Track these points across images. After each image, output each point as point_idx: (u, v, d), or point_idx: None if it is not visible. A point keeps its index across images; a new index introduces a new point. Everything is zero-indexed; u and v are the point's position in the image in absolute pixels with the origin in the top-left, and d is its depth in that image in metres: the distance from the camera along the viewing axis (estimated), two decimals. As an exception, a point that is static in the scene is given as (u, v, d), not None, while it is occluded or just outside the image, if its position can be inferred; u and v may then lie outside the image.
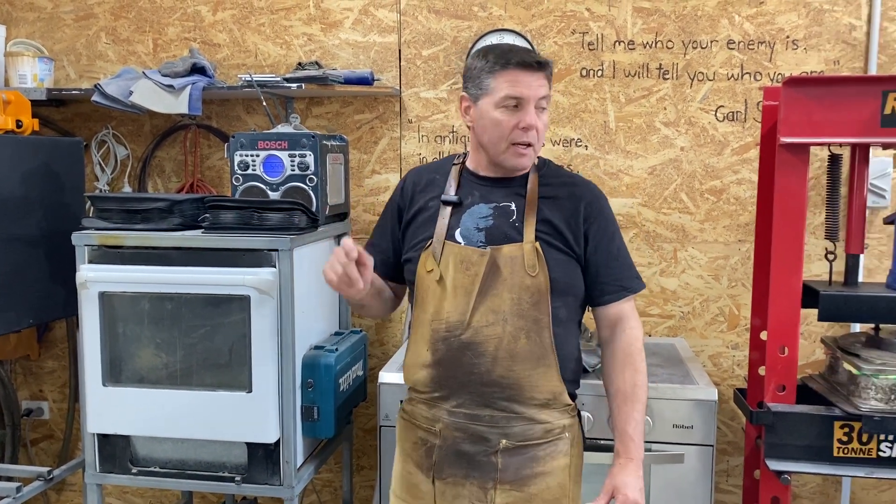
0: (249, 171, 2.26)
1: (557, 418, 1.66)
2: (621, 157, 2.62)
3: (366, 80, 2.60)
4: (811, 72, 2.49)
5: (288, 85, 2.50)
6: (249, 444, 2.07)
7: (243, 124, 2.82)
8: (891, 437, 1.87)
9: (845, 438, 1.90)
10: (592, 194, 1.72)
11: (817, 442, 1.90)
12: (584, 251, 1.67)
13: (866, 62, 2.46)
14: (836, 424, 1.89)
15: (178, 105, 2.46)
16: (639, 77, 2.58)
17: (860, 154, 1.96)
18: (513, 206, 1.66)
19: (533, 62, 1.58)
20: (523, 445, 1.63)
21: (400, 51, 2.70)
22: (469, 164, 1.75)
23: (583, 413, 2.02)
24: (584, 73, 2.60)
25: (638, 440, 1.64)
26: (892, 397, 1.85)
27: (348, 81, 2.58)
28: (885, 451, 1.89)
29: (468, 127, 1.70)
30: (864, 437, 1.89)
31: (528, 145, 1.61)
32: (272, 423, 2.04)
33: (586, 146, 2.63)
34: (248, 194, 2.26)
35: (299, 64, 2.66)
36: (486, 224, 1.65)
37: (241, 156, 2.26)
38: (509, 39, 2.59)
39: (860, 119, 1.82)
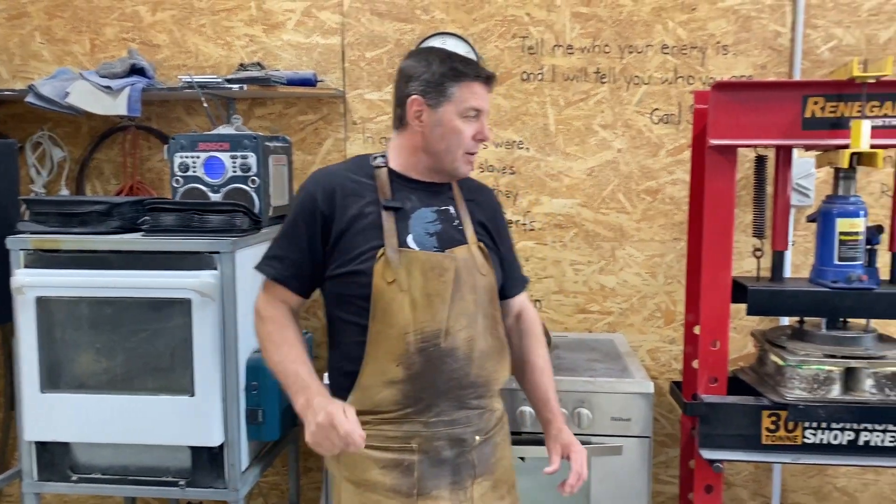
0: (190, 173, 2.24)
1: (499, 404, 1.75)
2: (561, 158, 2.68)
3: (309, 82, 2.60)
4: (740, 76, 2.59)
5: (230, 86, 2.49)
6: (193, 448, 2.05)
7: (184, 125, 2.79)
8: (814, 425, 1.97)
9: (773, 427, 1.99)
10: (496, 197, 1.85)
11: (747, 431, 1.99)
12: (499, 249, 1.76)
13: (791, 67, 2.58)
14: (765, 413, 1.98)
15: (116, 106, 2.43)
16: (577, 81, 2.64)
17: (784, 155, 2.06)
18: (452, 210, 1.69)
19: (492, 78, 1.65)
20: (488, 437, 1.68)
21: (343, 52, 2.71)
22: (395, 167, 1.67)
23: (524, 408, 2.08)
24: (524, 76, 2.66)
25: (559, 407, 1.81)
26: (815, 386, 1.94)
27: (291, 83, 2.59)
28: (809, 438, 1.99)
29: (419, 130, 1.63)
30: (790, 425, 1.98)
31: (475, 153, 1.66)
32: (216, 426, 2.03)
33: (528, 148, 2.69)
34: (189, 196, 2.24)
35: (241, 65, 2.65)
36: (436, 229, 1.65)
37: (181, 157, 2.24)
38: (452, 43, 2.63)
39: (783, 122, 1.92)
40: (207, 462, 2.06)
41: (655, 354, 2.72)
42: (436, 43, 2.63)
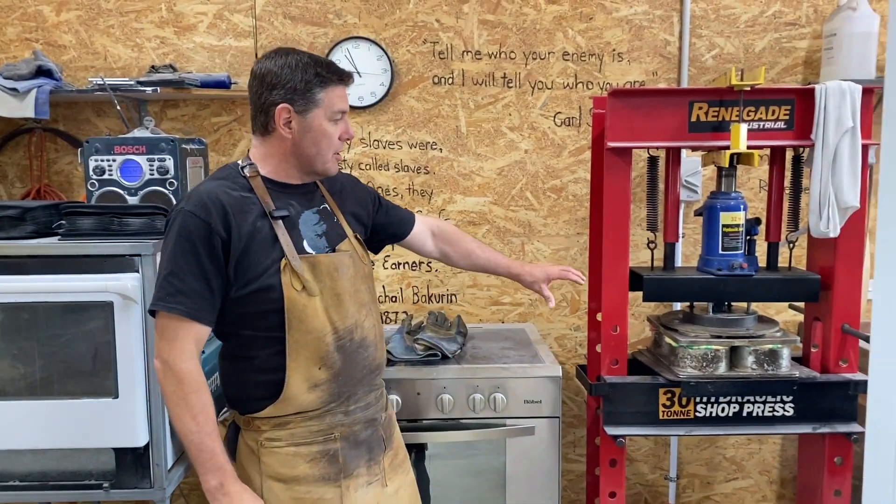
0: (106, 177, 2.23)
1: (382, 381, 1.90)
2: (473, 159, 2.81)
3: (223, 84, 2.63)
4: (634, 82, 2.80)
5: (143, 88, 2.49)
6: (117, 450, 2.06)
7: (93, 128, 2.75)
8: (704, 399, 2.18)
9: (668, 403, 2.19)
10: (349, 176, 1.99)
11: (646, 407, 2.18)
12: (374, 219, 1.96)
13: (679, 73, 2.81)
14: (661, 391, 2.17)
15: (23, 109, 2.39)
16: (486, 85, 2.78)
17: (673, 156, 2.25)
18: (328, 208, 1.78)
19: (351, 77, 1.72)
20: (385, 412, 1.84)
21: (257, 55, 2.75)
22: (267, 174, 1.68)
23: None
24: (436, 80, 2.77)
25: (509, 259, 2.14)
26: (705, 364, 2.15)
27: (205, 85, 2.61)
28: (700, 412, 2.19)
29: (288, 137, 1.65)
30: (684, 401, 2.18)
31: (340, 151, 1.75)
32: (140, 427, 2.05)
33: (441, 149, 2.81)
34: (105, 200, 2.24)
35: (153, 67, 2.64)
36: (322, 229, 1.72)
37: (96, 161, 2.23)
38: (364, 47, 2.72)
39: (671, 126, 2.11)
40: (132, 463, 2.07)
41: (563, 341, 2.90)
42: (348, 47, 2.71)
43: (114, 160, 2.23)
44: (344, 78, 1.68)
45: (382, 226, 1.99)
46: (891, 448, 1.11)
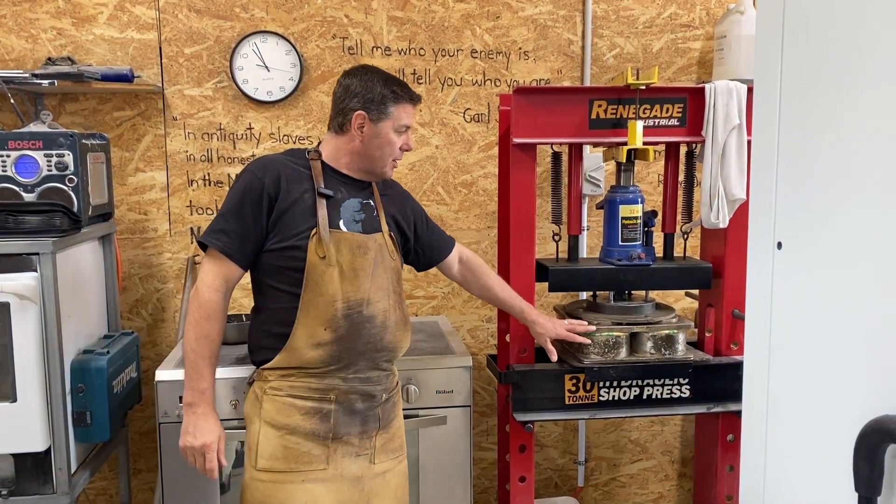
0: (0, 173, 2.14)
1: (397, 370, 2.05)
2: (383, 153, 2.83)
3: (125, 77, 2.56)
4: (540, 79, 2.89)
5: (38, 81, 2.40)
6: (16, 456, 1.99)
7: (-12, 121, 2.63)
8: (607, 384, 2.28)
9: (574, 388, 2.28)
10: (402, 188, 2.15)
11: (552, 393, 2.26)
12: (415, 232, 2.09)
13: (582, 72, 2.91)
14: (567, 377, 2.26)
15: None
16: (396, 81, 2.81)
17: (575, 151, 2.34)
18: (372, 203, 1.98)
19: (420, 100, 1.97)
20: (390, 396, 1.98)
21: (161, 48, 2.68)
22: (328, 161, 1.92)
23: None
24: (345, 75, 2.78)
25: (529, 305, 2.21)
26: (607, 350, 2.25)
27: (106, 78, 2.53)
28: (603, 396, 2.29)
29: (358, 139, 1.88)
30: (588, 386, 2.28)
31: (398, 160, 1.97)
32: (40, 431, 1.99)
33: (351, 144, 2.81)
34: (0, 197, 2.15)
35: (49, 59, 2.54)
36: (361, 217, 1.93)
37: (-12, 156, 2.14)
38: (272, 42, 2.70)
39: (573, 122, 2.19)
40: (33, 468, 2.00)
41: (475, 333, 2.97)
42: (256, 41, 2.69)
43: (7, 156, 2.14)
44: (414, 98, 1.94)
45: (427, 245, 2.13)
46: (761, 418, 1.21)
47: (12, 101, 2.37)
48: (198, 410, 1.80)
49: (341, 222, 1.89)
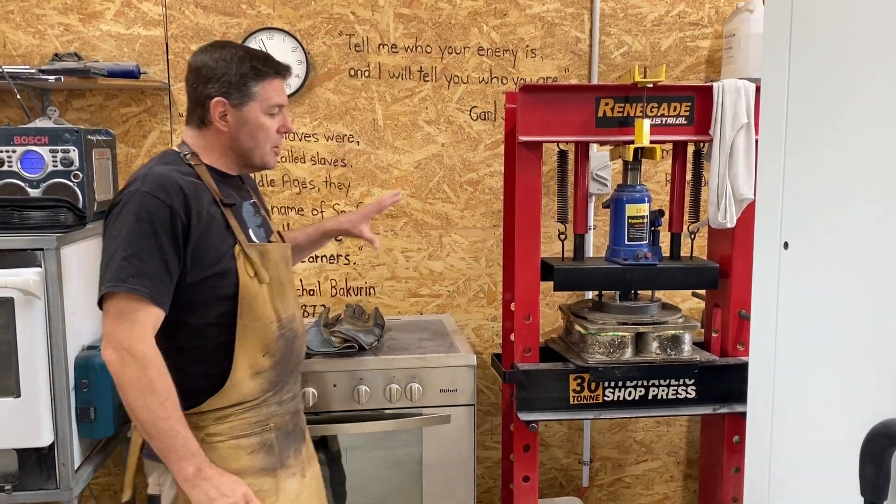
0: (5, 168, 2.14)
1: None
2: (390, 152, 2.83)
3: (132, 74, 2.56)
4: (547, 77, 2.87)
5: (45, 77, 2.40)
6: (20, 451, 1.99)
7: (-7, 117, 2.64)
8: (612, 384, 2.26)
9: (578, 388, 2.27)
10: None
11: (557, 393, 2.25)
12: None
13: (590, 70, 2.90)
14: (571, 377, 2.25)
15: (-87, 96, 2.26)
16: (402, 78, 2.80)
17: (581, 150, 2.33)
18: (258, 202, 1.83)
19: (289, 71, 1.75)
20: (302, 403, 1.91)
21: (167, 45, 2.68)
22: (209, 163, 1.70)
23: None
24: (352, 72, 2.77)
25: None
26: (612, 350, 2.23)
27: (112, 74, 2.53)
28: (608, 396, 2.28)
29: (224, 130, 1.68)
30: (593, 386, 2.26)
31: (279, 145, 1.77)
32: (45, 426, 1.99)
33: (358, 142, 2.81)
34: (5, 192, 2.14)
35: (56, 55, 2.55)
36: (259, 221, 1.77)
37: (-6, 152, 2.14)
38: (279, 38, 2.69)
39: (579, 121, 2.18)
40: (36, 463, 2.00)
41: (480, 331, 2.96)
42: (262, 37, 2.68)
43: (13, 151, 2.14)
44: (281, 71, 1.71)
45: None
46: (767, 419, 1.20)
47: (19, 96, 2.37)
48: (207, 472, 1.54)
49: (251, 232, 1.70)
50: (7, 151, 2.14)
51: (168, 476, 1.62)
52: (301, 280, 2.84)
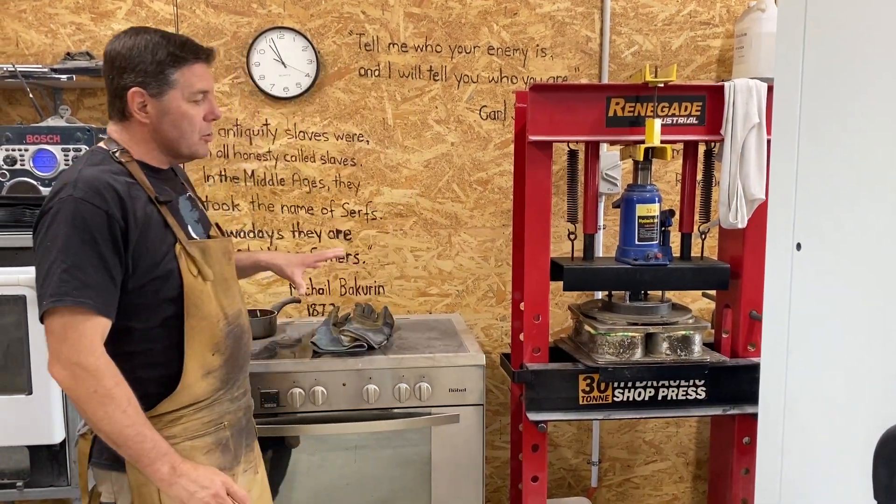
0: (18, 167, 2.16)
1: None
2: (400, 151, 2.83)
3: (143, 73, 2.56)
4: (557, 77, 2.87)
5: (57, 76, 2.41)
6: (32, 448, 2.01)
7: (5, 116, 2.65)
8: (622, 384, 2.26)
9: (588, 388, 2.26)
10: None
11: (566, 393, 2.24)
12: None
13: (600, 69, 2.89)
14: (581, 377, 2.24)
15: (-73, 95, 2.28)
16: (412, 78, 2.80)
17: (592, 149, 2.32)
18: (193, 196, 1.78)
19: (212, 54, 1.67)
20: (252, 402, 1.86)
21: (178, 44, 2.69)
22: (139, 158, 1.62)
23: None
24: (362, 72, 2.78)
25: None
26: (622, 351, 2.23)
27: (124, 74, 2.53)
28: (618, 397, 2.27)
29: (146, 122, 1.60)
30: (602, 386, 2.26)
31: (210, 133, 1.70)
32: (56, 424, 2.00)
33: (368, 141, 2.81)
34: (17, 190, 2.17)
35: (68, 54, 2.56)
36: (196, 217, 1.71)
37: (7, 150, 2.16)
38: (289, 38, 2.70)
39: (590, 120, 2.17)
40: (47, 460, 2.02)
41: (489, 331, 2.95)
42: (273, 37, 2.69)
43: (26, 150, 2.16)
44: (201, 55, 1.62)
45: None
46: (778, 421, 1.19)
47: (31, 95, 2.38)
48: (182, 468, 1.51)
49: (189, 228, 1.64)
50: (19, 150, 2.15)
51: (123, 482, 1.57)
52: (311, 279, 2.84)
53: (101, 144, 1.62)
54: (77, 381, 1.43)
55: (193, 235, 1.64)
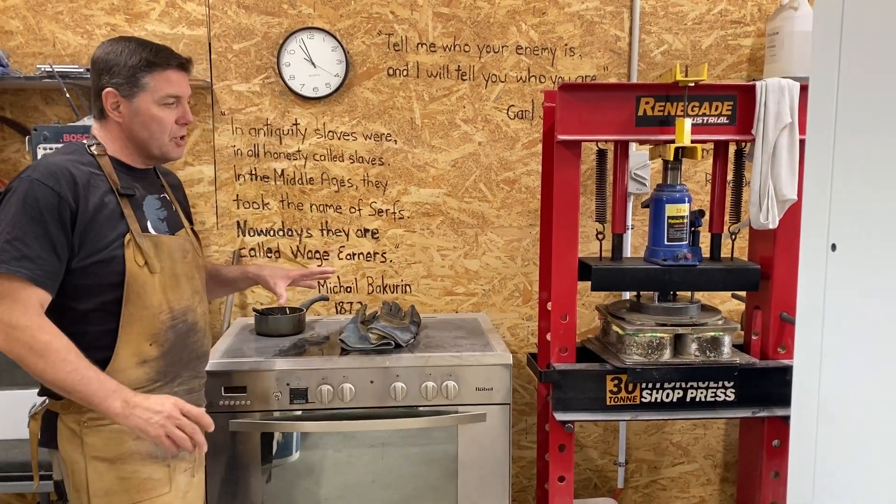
0: (54, 165, 2.21)
1: None
2: (427, 150, 2.84)
3: (176, 73, 2.60)
4: (586, 76, 2.86)
5: (92, 76, 2.45)
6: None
7: (41, 115, 2.70)
8: (650, 385, 2.25)
9: (615, 389, 2.25)
10: (178, 178, 2.03)
11: (593, 394, 2.24)
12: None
13: (629, 68, 2.87)
14: (608, 378, 2.24)
15: (-32, 95, 2.34)
16: (440, 77, 2.81)
17: (621, 149, 2.31)
18: (167, 197, 1.85)
19: (187, 63, 1.77)
20: (203, 402, 1.89)
21: (210, 44, 2.73)
22: (113, 154, 1.73)
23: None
24: (390, 72, 2.79)
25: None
26: (650, 351, 2.22)
27: (157, 74, 2.57)
28: (646, 398, 2.26)
29: (118, 121, 1.71)
30: (630, 387, 2.25)
31: (183, 136, 1.80)
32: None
33: (395, 140, 2.83)
34: (54, 188, 2.21)
35: (103, 54, 2.61)
36: (163, 215, 1.79)
37: (44, 149, 2.20)
38: (319, 38, 2.72)
39: (619, 120, 2.16)
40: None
41: (515, 330, 2.95)
42: (303, 37, 2.71)
43: (62, 148, 2.20)
44: (172, 62, 1.72)
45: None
46: (812, 424, 1.18)
47: (67, 95, 2.43)
48: (134, 400, 1.56)
49: (149, 224, 1.72)
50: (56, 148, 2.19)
51: (59, 459, 1.68)
52: (338, 277, 2.87)
53: (83, 140, 1.74)
54: (12, 342, 1.52)
55: (151, 230, 1.72)
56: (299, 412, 2.23)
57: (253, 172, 2.80)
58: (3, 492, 2.27)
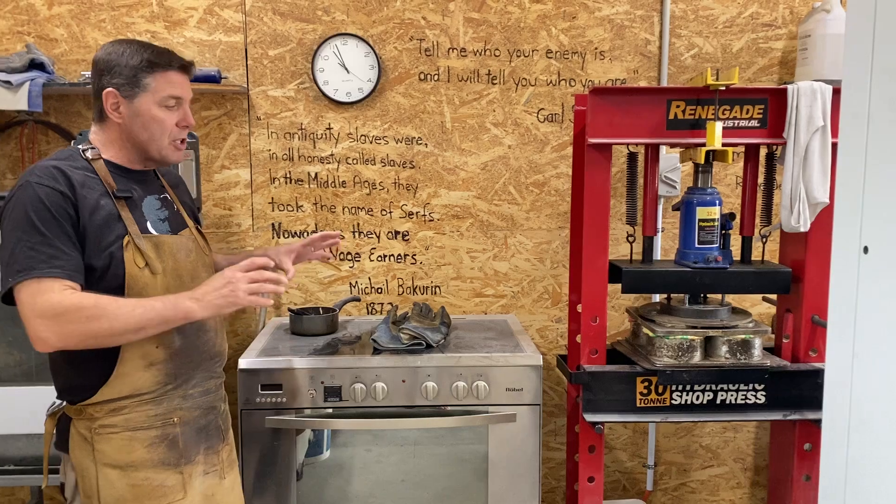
0: (98, 169, 2.27)
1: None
2: (457, 154, 2.88)
3: (213, 78, 2.67)
4: (615, 79, 2.87)
5: (134, 82, 2.52)
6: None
7: (84, 120, 2.79)
8: (680, 387, 2.26)
9: (645, 391, 2.27)
10: (184, 182, 2.00)
11: (624, 395, 2.25)
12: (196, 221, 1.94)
13: (659, 72, 2.88)
14: (638, 379, 2.25)
15: (16, 101, 2.42)
16: (471, 81, 2.85)
17: (651, 152, 2.33)
18: (168, 197, 1.83)
19: (188, 66, 1.76)
20: (223, 402, 1.90)
21: (246, 50, 2.79)
22: (109, 158, 1.71)
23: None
24: (422, 76, 2.83)
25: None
26: (680, 354, 2.23)
27: (195, 79, 2.61)
28: (676, 400, 2.27)
29: (118, 122, 1.69)
30: (660, 389, 2.26)
31: (184, 140, 1.77)
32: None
33: (426, 144, 2.87)
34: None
35: (143, 61, 2.68)
36: (164, 215, 1.76)
37: (88, 153, 2.27)
38: (352, 44, 2.77)
39: (650, 123, 2.18)
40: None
41: (544, 332, 2.97)
42: (337, 43, 2.77)
43: (106, 152, 2.27)
44: (174, 64, 1.70)
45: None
46: (844, 428, 1.19)
47: (110, 101, 2.50)
48: (199, 292, 1.59)
49: (149, 224, 1.70)
50: (100, 153, 2.26)
51: (68, 463, 1.68)
52: (369, 278, 2.91)
53: (80, 146, 1.71)
54: (65, 330, 1.49)
55: (151, 230, 1.69)
56: (332, 410, 2.28)
57: (287, 176, 2.86)
58: (53, 484, 2.35)
